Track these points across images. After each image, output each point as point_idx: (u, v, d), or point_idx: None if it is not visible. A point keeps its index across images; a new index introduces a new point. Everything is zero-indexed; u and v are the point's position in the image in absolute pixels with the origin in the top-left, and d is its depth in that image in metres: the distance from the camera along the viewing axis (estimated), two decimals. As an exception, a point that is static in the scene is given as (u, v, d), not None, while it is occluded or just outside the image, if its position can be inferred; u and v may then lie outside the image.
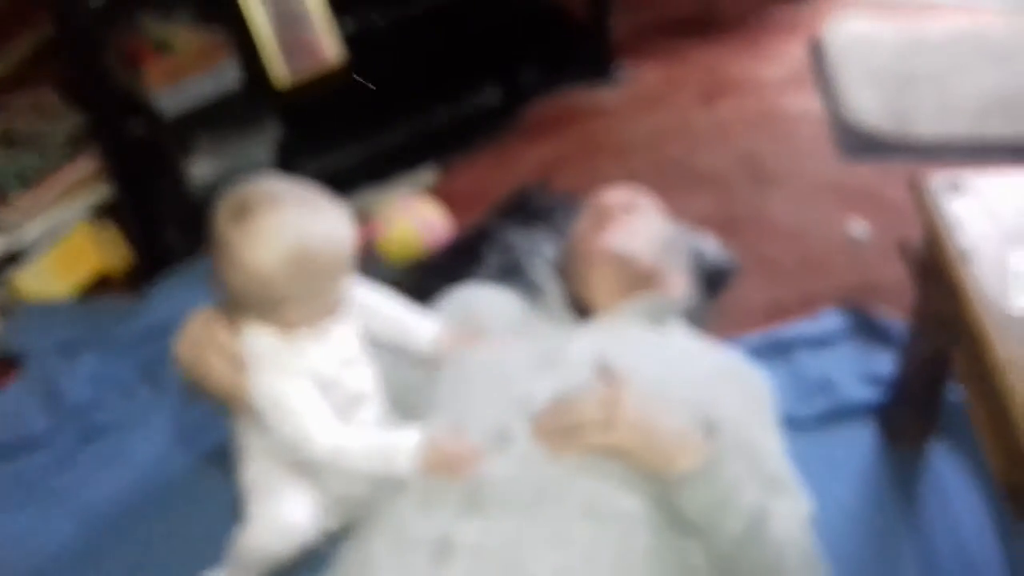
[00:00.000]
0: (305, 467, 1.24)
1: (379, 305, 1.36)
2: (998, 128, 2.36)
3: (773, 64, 2.73)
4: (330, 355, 1.23)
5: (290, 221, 1.13)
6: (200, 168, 2.12)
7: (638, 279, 1.49)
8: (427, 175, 2.39)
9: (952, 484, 1.57)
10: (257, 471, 1.29)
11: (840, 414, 1.69)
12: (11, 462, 1.74)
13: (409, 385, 1.43)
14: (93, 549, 1.56)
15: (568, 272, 1.55)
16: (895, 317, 1.84)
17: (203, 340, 1.20)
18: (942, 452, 1.62)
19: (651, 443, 1.16)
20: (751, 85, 2.66)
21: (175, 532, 1.57)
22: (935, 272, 1.36)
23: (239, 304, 1.19)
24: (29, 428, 1.78)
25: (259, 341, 1.19)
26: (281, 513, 1.24)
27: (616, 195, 1.60)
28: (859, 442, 1.65)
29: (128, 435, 1.76)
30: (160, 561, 1.53)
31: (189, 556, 1.43)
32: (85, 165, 2.16)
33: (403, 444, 1.20)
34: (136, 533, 1.59)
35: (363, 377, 1.29)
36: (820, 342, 1.83)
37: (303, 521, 1.25)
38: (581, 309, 1.49)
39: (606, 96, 2.67)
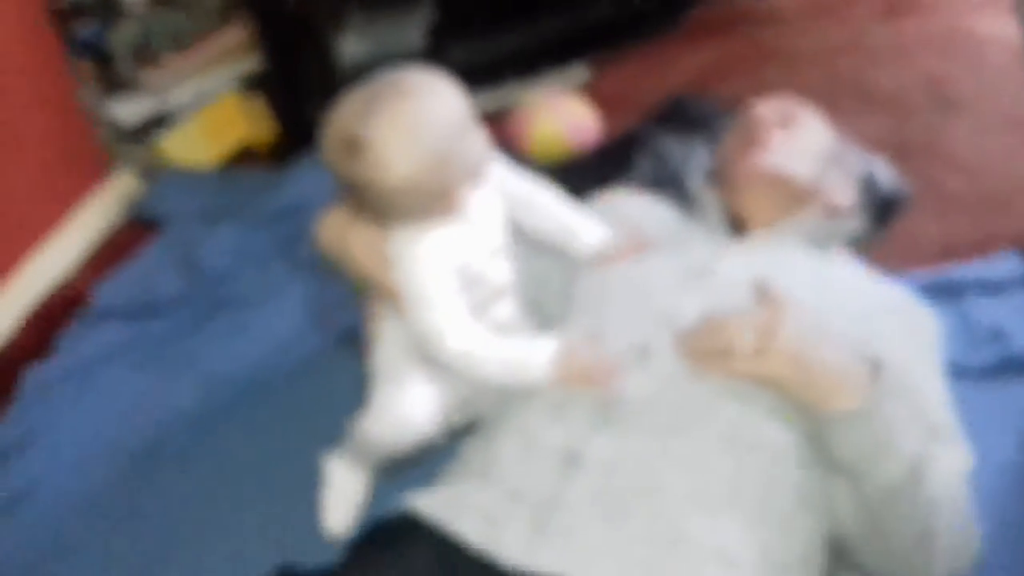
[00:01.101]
0: (435, 363, 1.20)
1: (536, 197, 1.28)
2: None
3: (967, -19, 2.50)
4: (478, 245, 1.18)
5: (403, 125, 1.06)
6: (350, 46, 2.06)
7: (796, 199, 1.38)
8: (579, 73, 2.31)
9: None
10: (386, 358, 1.26)
11: (1010, 367, 1.55)
12: (141, 323, 1.75)
13: (548, 287, 1.38)
14: (213, 416, 1.56)
15: (719, 189, 1.46)
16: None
17: (348, 228, 1.17)
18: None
19: (808, 378, 1.06)
20: (940, 2, 2.47)
21: (298, 408, 1.56)
22: None
23: (389, 214, 1.13)
24: (162, 292, 1.79)
25: (406, 237, 1.15)
26: (403, 405, 1.22)
27: (771, 107, 1.48)
28: (1028, 399, 1.50)
29: (259, 309, 1.75)
30: (281, 435, 1.52)
31: (310, 433, 1.43)
32: (236, 33, 2.13)
33: (537, 355, 1.14)
34: (258, 405, 1.58)
35: (506, 270, 1.24)
36: (995, 287, 1.69)
37: (423, 415, 1.22)
38: (738, 225, 1.39)
39: (777, 1, 2.52)
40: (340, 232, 1.18)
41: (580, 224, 1.30)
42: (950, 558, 1.13)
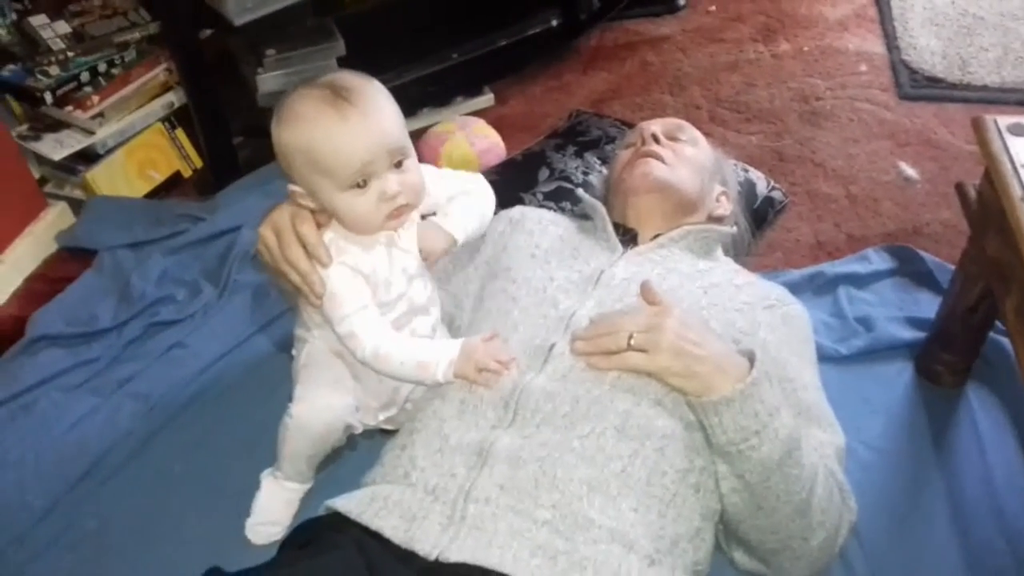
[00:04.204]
0: (355, 363, 1.23)
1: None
2: (1059, 77, 2.21)
3: (836, 2, 2.58)
4: (398, 267, 1.22)
5: (310, 117, 1.12)
6: (268, 81, 2.05)
7: (681, 207, 1.43)
8: (484, 98, 2.31)
9: (986, 428, 1.47)
10: (309, 352, 1.28)
11: (879, 351, 1.60)
12: (76, 349, 1.71)
13: (461, 304, 1.40)
14: (152, 434, 1.54)
15: (612, 200, 1.48)
16: (941, 260, 1.74)
17: (285, 226, 1.18)
18: (979, 396, 1.52)
19: (691, 370, 1.11)
20: (812, 22, 2.52)
21: (234, 423, 1.54)
22: (992, 215, 1.26)
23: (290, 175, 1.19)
24: (96, 318, 1.76)
25: (333, 240, 1.19)
26: (323, 394, 1.24)
27: (658, 124, 1.52)
28: (896, 380, 1.56)
29: (192, 331, 1.72)
30: (217, 450, 1.50)
31: (246, 447, 1.44)
32: (160, 69, 2.11)
33: (442, 354, 1.18)
34: (195, 423, 1.56)
35: (425, 291, 1.28)
36: (865, 280, 1.74)
37: (343, 403, 1.24)
38: (628, 235, 1.42)
39: (665, 27, 2.55)
40: (281, 225, 1.19)
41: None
42: (828, 530, 1.15)
